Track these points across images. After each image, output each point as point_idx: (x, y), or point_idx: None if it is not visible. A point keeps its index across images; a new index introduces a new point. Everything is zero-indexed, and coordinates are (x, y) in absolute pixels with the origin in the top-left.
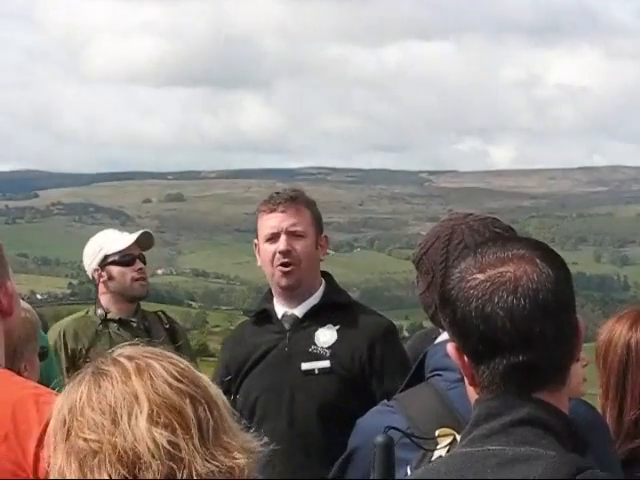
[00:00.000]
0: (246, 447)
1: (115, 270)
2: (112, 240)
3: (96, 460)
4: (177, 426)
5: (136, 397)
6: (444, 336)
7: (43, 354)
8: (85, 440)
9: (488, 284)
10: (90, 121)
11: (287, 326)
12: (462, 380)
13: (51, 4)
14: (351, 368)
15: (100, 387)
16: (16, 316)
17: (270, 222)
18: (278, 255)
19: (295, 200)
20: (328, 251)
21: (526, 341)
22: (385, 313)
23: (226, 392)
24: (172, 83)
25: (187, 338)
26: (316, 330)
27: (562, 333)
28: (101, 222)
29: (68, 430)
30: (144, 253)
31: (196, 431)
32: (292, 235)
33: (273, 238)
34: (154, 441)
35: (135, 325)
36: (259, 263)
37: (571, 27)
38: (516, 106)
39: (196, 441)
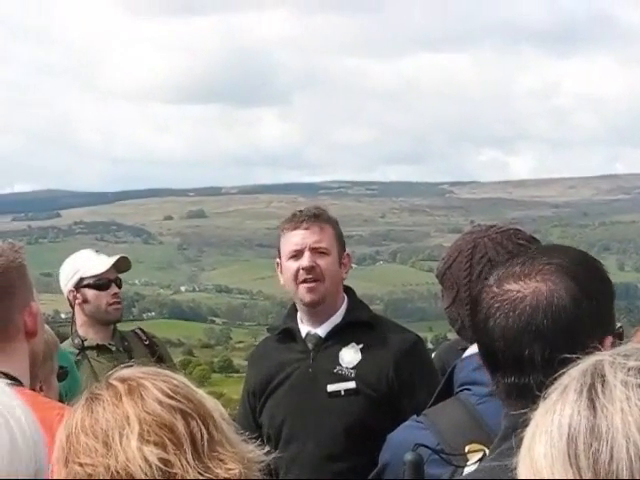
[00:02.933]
0: (246, 457)
1: (90, 293)
2: (89, 263)
3: None
4: (168, 442)
5: (127, 418)
6: (472, 349)
7: (62, 374)
8: (80, 465)
9: (497, 299)
10: (107, 138)
11: (310, 346)
12: (491, 394)
13: (66, 21)
14: (377, 387)
15: (92, 412)
16: (40, 337)
17: (294, 239)
18: (302, 271)
19: (318, 217)
20: (351, 264)
21: (516, 362)
22: (409, 325)
23: (252, 410)
24: (188, 99)
25: (167, 350)
26: (340, 350)
27: (556, 358)
28: (124, 240)
29: (66, 457)
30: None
31: (189, 445)
32: (316, 252)
33: (297, 255)
34: (145, 459)
35: (114, 348)
36: (282, 282)
37: (587, 35)
38: (534, 116)
39: (189, 456)
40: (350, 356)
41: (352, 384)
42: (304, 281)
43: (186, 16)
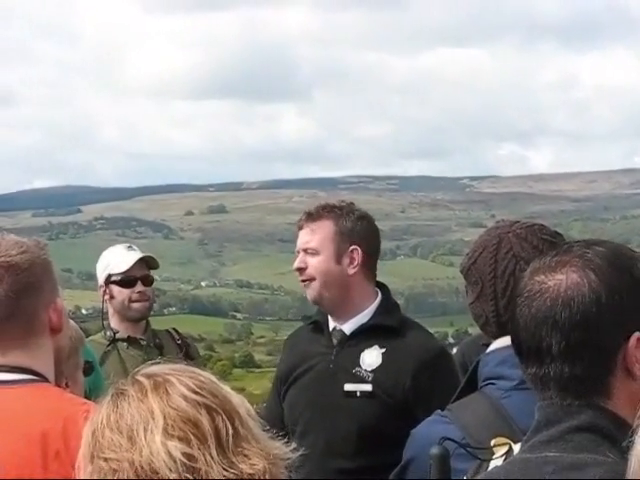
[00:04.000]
0: (272, 453)
1: (116, 290)
2: (116, 259)
3: (115, 478)
4: (192, 437)
5: (152, 413)
6: (496, 345)
7: (88, 369)
8: (105, 460)
9: (526, 289)
10: (127, 134)
11: (335, 341)
12: (516, 388)
13: (86, 19)
14: (393, 394)
15: (118, 407)
16: (65, 333)
17: (298, 239)
18: (297, 272)
19: (312, 216)
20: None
21: (536, 353)
22: (430, 320)
23: (279, 395)
24: (207, 95)
25: (198, 351)
26: (362, 351)
27: (573, 351)
28: (144, 236)
29: (92, 453)
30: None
31: (213, 441)
32: (306, 252)
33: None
34: (169, 454)
35: (145, 343)
36: None
37: (604, 28)
38: (553, 110)
39: (213, 451)
40: (371, 359)
41: (368, 387)
42: (301, 281)
43: (205, 12)
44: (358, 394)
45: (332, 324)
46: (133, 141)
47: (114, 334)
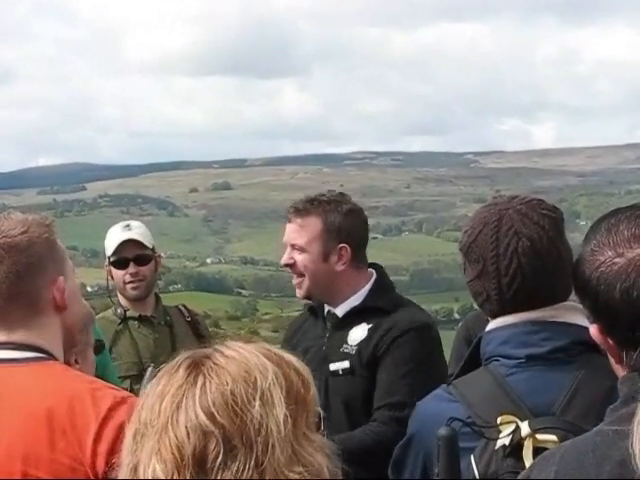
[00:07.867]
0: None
1: (113, 271)
2: (109, 241)
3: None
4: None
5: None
6: (496, 323)
7: (99, 347)
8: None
9: (630, 269)
10: (130, 112)
11: (329, 325)
12: (521, 366)
13: None
14: (371, 367)
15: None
16: (73, 311)
17: (285, 232)
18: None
19: (301, 212)
20: (377, 235)
21: None
22: (435, 296)
23: None
24: (206, 71)
25: (208, 329)
26: (351, 329)
27: None
28: (149, 213)
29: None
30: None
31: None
32: (294, 248)
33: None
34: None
35: (156, 321)
36: None
37: (604, 3)
38: (554, 84)
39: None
40: (357, 334)
41: (347, 364)
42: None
43: None
44: (340, 372)
45: (326, 307)
46: (134, 118)
47: (125, 312)
